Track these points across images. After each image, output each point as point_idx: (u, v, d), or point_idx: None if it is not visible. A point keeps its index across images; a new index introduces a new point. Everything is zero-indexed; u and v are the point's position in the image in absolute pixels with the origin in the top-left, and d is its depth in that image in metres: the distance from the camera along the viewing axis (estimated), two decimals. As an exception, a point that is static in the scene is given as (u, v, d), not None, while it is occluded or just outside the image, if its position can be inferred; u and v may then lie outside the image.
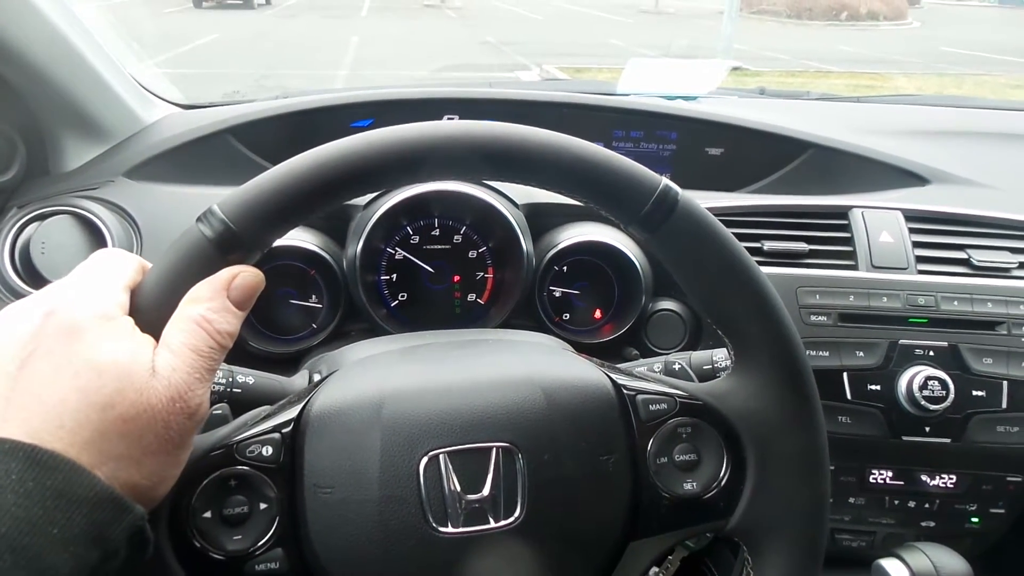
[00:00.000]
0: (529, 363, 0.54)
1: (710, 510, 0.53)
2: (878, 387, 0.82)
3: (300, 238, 0.82)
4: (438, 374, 0.52)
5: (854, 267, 0.87)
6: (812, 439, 0.51)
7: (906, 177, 1.08)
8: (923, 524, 0.87)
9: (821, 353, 0.83)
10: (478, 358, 0.55)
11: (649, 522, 0.52)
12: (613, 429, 0.51)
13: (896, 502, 0.86)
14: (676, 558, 0.74)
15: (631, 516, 0.52)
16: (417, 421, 0.48)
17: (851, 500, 0.86)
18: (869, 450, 0.84)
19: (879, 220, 0.89)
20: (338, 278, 0.85)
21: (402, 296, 0.92)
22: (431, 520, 0.46)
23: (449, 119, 1.25)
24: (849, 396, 0.82)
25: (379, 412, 0.48)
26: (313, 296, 0.89)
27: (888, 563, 0.73)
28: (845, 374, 0.82)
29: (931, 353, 0.82)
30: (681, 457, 0.53)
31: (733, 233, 0.87)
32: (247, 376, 0.61)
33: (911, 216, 0.90)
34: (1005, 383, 0.82)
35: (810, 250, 0.88)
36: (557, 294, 0.93)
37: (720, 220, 0.83)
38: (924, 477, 0.85)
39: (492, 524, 0.47)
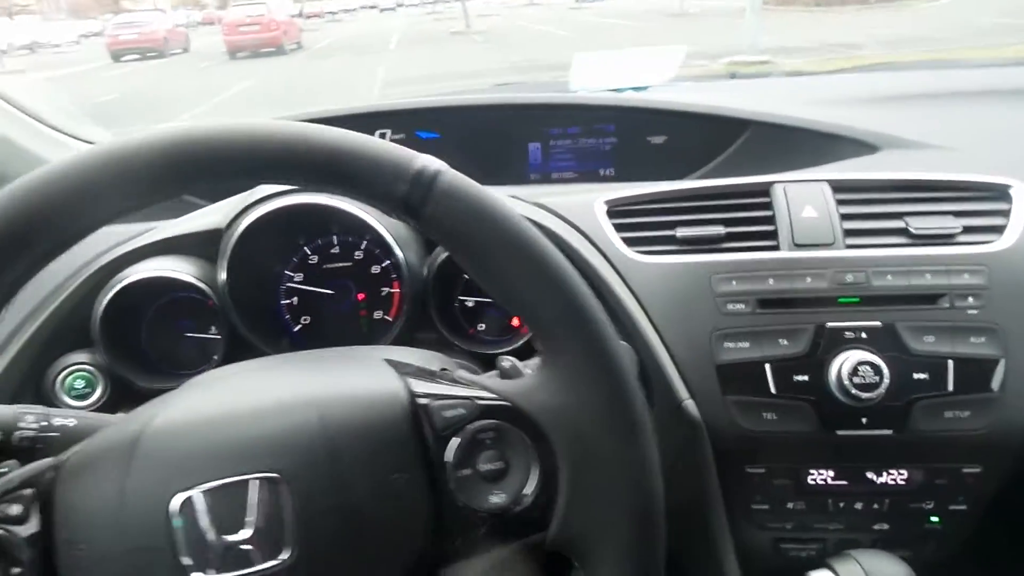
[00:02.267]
0: (315, 381, 0.49)
1: (524, 523, 0.47)
2: (806, 377, 0.74)
3: (173, 268, 0.79)
4: (207, 404, 0.48)
5: (775, 248, 0.79)
6: (628, 437, 0.44)
7: (855, 146, 1.00)
8: (876, 528, 0.78)
9: (740, 344, 0.75)
10: (261, 382, 0.50)
11: (457, 544, 0.46)
12: (403, 443, 0.46)
13: (841, 504, 0.77)
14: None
15: (435, 539, 0.46)
16: (170, 459, 0.44)
17: (789, 505, 0.78)
18: (803, 448, 0.75)
19: (802, 195, 0.81)
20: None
21: (305, 320, 0.89)
22: (189, 569, 0.42)
23: (382, 134, 1.22)
24: (773, 390, 0.74)
25: (132, 453, 0.44)
26: (213, 327, 0.86)
27: (817, 575, 0.65)
28: (768, 366, 0.74)
29: (864, 335, 0.73)
30: (486, 466, 0.47)
31: (639, 223, 0.83)
32: (67, 419, 0.58)
33: (840, 187, 0.82)
34: (950, 362, 0.72)
35: (728, 233, 0.81)
36: (470, 304, 0.88)
37: (626, 209, 0.77)
38: (870, 475, 0.76)
39: (258, 567, 0.42)
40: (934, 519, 0.77)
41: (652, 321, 0.78)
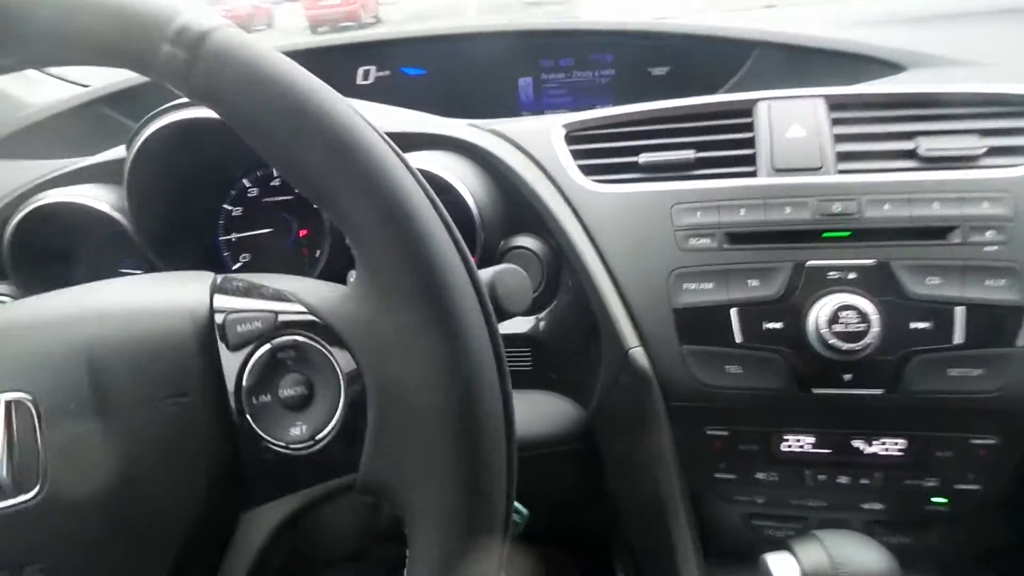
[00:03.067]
0: (104, 296, 0.42)
1: (329, 461, 0.38)
2: (778, 325, 0.62)
3: (85, 194, 0.73)
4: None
5: (752, 174, 0.67)
6: (452, 368, 0.35)
7: (878, 67, 0.85)
8: (866, 507, 0.66)
9: (703, 286, 0.64)
10: (56, 298, 0.43)
11: (256, 484, 0.39)
12: (188, 362, 0.38)
13: (822, 477, 0.65)
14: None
15: (225, 477, 0.38)
16: None
17: (759, 476, 0.66)
18: (773, 409, 0.64)
19: (790, 113, 0.68)
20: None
21: (244, 258, 0.82)
22: None
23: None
24: (739, 339, 0.63)
25: None
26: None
27: (775, 558, 0.54)
28: (733, 311, 0.63)
29: (851, 276, 0.61)
30: (288, 392, 0.39)
31: (600, 148, 0.72)
32: None
33: (837, 103, 0.68)
34: (959, 310, 0.59)
35: (698, 158, 0.69)
36: None
37: (586, 134, 0.67)
38: (857, 443, 0.64)
39: (10, 501, 0.36)
40: (938, 500, 0.64)
41: (604, 258, 0.67)
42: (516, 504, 0.60)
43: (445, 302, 0.35)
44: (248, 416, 0.38)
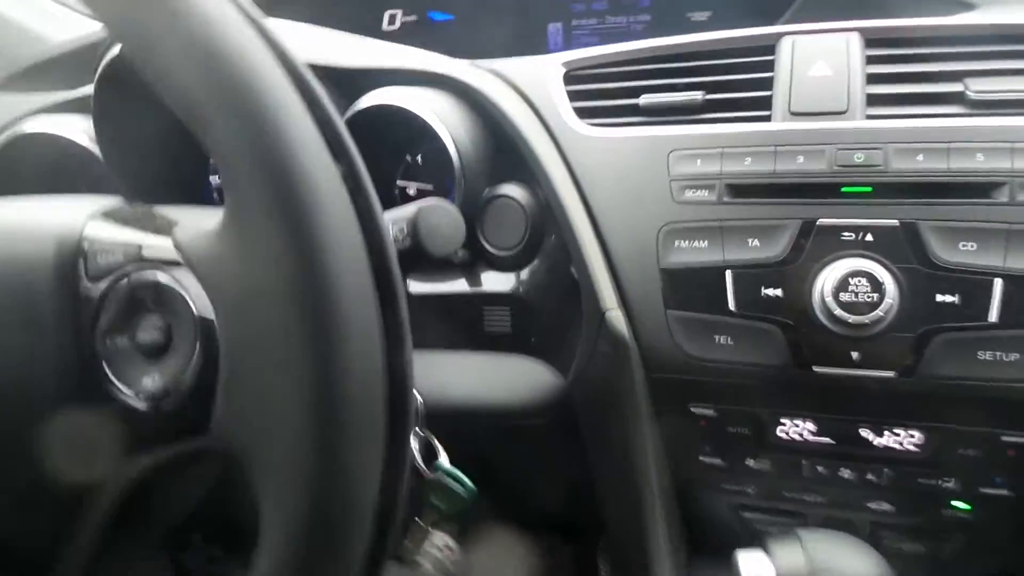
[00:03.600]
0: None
1: (180, 417, 0.34)
2: (778, 292, 0.54)
3: (74, 126, 0.71)
4: None
5: (766, 119, 0.58)
6: (314, 324, 0.29)
7: (942, 5, 0.73)
8: (873, 506, 0.57)
9: (697, 244, 0.56)
10: None
11: (103, 437, 0.35)
12: (41, 290, 0.34)
13: (821, 469, 0.56)
14: (425, 524, 0.54)
15: (74, 426, 0.34)
16: None
17: (750, 463, 0.58)
18: (768, 388, 0.55)
19: (817, 48, 0.59)
20: None
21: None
22: None
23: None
24: (732, 306, 0.55)
25: None
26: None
27: (747, 556, 0.47)
28: (728, 273, 0.55)
29: (869, 238, 0.52)
30: (145, 337, 0.34)
31: (600, 89, 0.64)
32: None
33: (876, 39, 0.58)
34: (997, 282, 0.49)
35: (707, 101, 0.61)
36: None
37: (588, 74, 0.66)
38: (864, 432, 0.55)
39: None
40: (958, 505, 0.55)
41: (590, 210, 0.60)
42: (461, 477, 0.55)
43: (313, 246, 0.29)
44: (101, 358, 0.34)
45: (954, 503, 0.54)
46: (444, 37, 1.10)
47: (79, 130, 0.70)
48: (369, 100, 0.65)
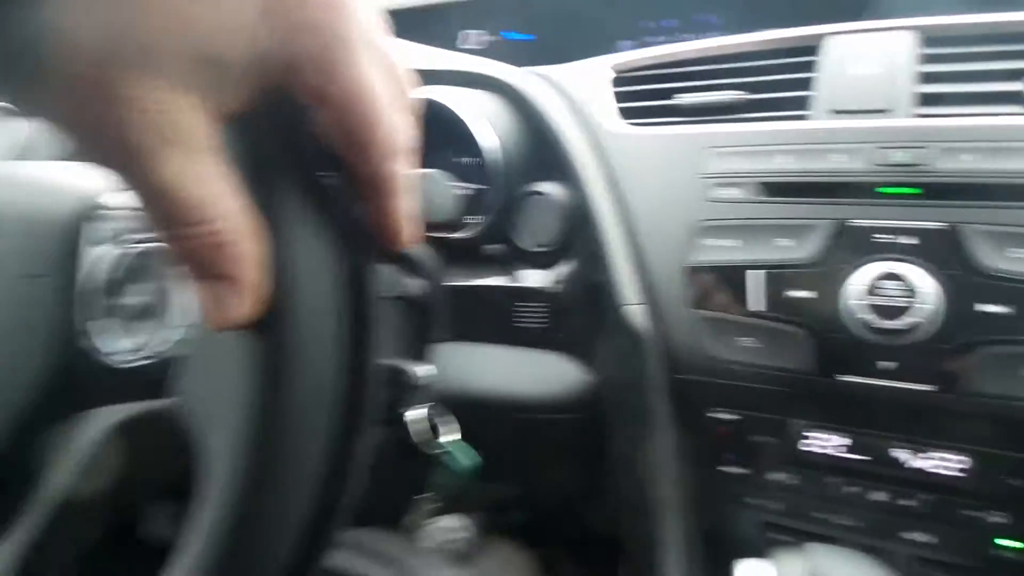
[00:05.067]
0: (33, 168, 0.43)
1: (149, 379, 0.36)
2: (806, 294, 0.51)
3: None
4: None
5: (805, 117, 0.56)
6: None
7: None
8: (908, 537, 0.52)
9: (724, 242, 0.55)
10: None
11: (88, 385, 0.37)
12: (53, 244, 0.38)
13: (851, 490, 0.53)
14: (430, 499, 0.55)
15: (65, 371, 0.37)
16: None
17: (774, 476, 0.55)
18: (791, 396, 0.52)
19: (862, 48, 0.56)
20: None
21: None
22: None
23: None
24: (758, 307, 0.53)
25: None
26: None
27: (746, 565, 0.46)
28: (756, 273, 0.53)
29: (906, 241, 0.49)
30: (133, 300, 0.37)
31: (646, 90, 0.64)
32: None
33: (936, 36, 0.55)
34: (1049, 292, 0.45)
35: (747, 100, 0.59)
36: None
37: (635, 76, 0.67)
38: (900, 453, 0.51)
39: None
40: (1006, 543, 0.49)
41: (623, 207, 0.60)
42: (464, 454, 0.55)
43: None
44: (93, 316, 0.37)
45: (999, 540, 0.49)
46: (518, 57, 1.12)
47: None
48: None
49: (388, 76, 0.25)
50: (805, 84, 0.57)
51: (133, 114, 0.20)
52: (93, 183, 0.40)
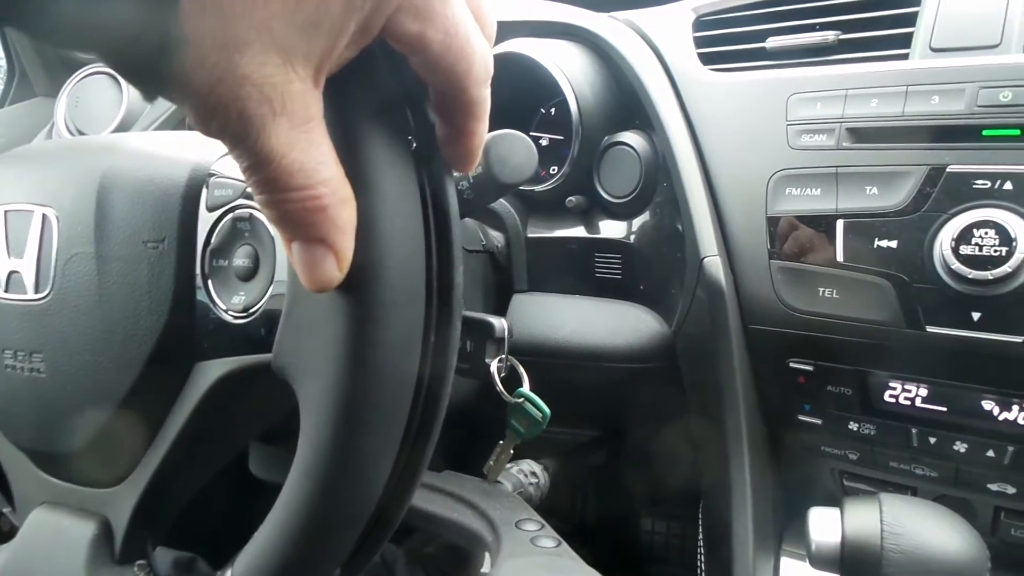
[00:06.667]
0: (135, 138, 0.47)
1: (252, 334, 0.39)
2: (894, 243, 0.49)
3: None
4: (47, 144, 0.49)
5: (903, 57, 0.53)
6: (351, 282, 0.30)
7: None
8: (994, 488, 0.50)
9: (808, 191, 0.53)
10: (111, 139, 0.49)
11: (205, 338, 0.41)
12: (169, 212, 0.41)
13: (933, 440, 0.51)
14: (507, 445, 0.57)
15: (183, 326, 0.41)
16: None
17: (852, 426, 0.54)
18: (874, 347, 0.51)
19: (975, -23, 0.52)
20: None
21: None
22: None
23: None
24: (841, 257, 0.51)
25: None
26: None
27: (819, 514, 0.46)
28: (840, 223, 0.51)
29: (1007, 186, 0.46)
30: (240, 262, 0.40)
31: (729, 34, 0.62)
32: None
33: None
34: None
35: (841, 40, 0.56)
36: None
37: (718, 19, 0.65)
38: (987, 404, 0.49)
39: (30, 295, 0.43)
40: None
41: (702, 155, 0.59)
42: (538, 402, 0.56)
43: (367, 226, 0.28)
44: (207, 276, 0.41)
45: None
46: (597, 1, 1.09)
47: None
48: (496, 50, 0.68)
49: (473, 7, 0.27)
50: (908, 20, 0.54)
51: (249, 89, 0.22)
52: (204, 151, 0.44)
